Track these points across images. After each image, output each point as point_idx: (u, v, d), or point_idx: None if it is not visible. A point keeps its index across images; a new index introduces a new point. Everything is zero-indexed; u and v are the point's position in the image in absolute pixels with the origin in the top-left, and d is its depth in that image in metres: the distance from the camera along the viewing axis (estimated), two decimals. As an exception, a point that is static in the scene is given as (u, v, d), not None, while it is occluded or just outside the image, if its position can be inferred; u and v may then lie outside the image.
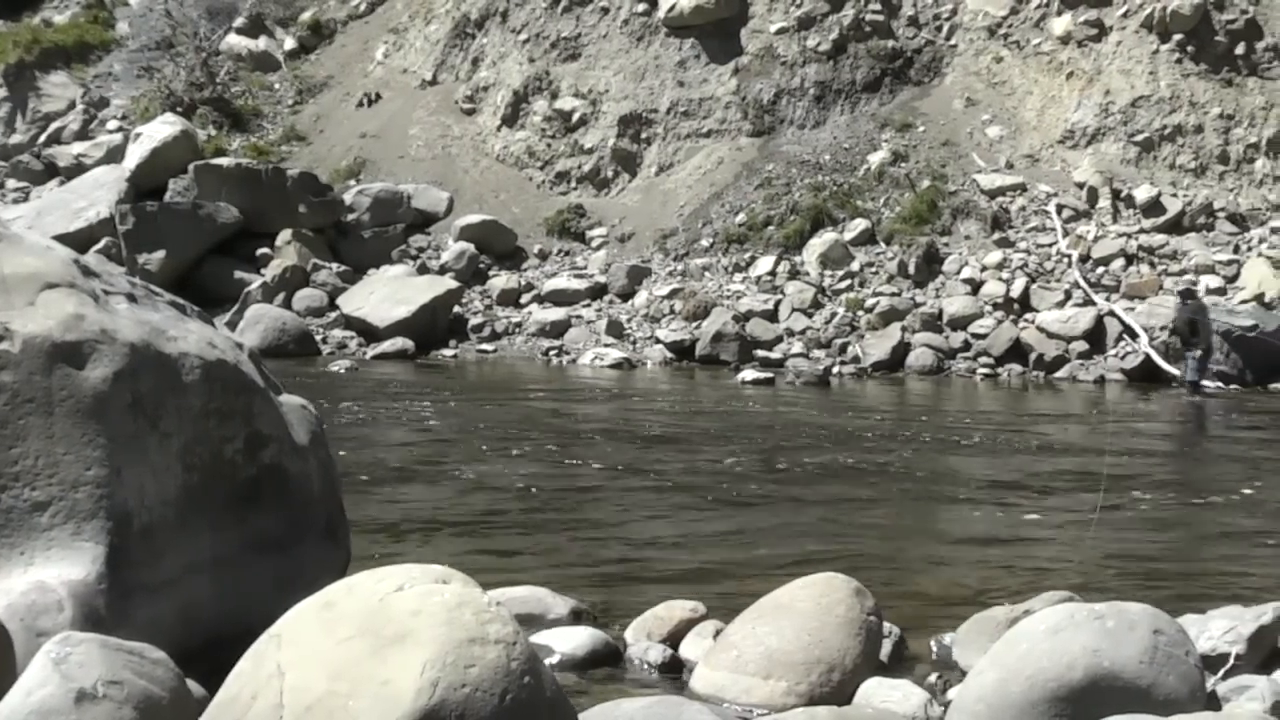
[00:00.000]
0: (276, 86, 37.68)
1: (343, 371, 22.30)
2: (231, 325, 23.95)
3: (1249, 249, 27.13)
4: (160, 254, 27.21)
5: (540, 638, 6.28)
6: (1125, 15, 30.75)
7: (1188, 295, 23.26)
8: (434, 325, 26.53)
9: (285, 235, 27.98)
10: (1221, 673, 5.60)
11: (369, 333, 26.10)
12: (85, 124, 36.85)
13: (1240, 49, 30.06)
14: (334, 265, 28.21)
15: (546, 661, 5.42)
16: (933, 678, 6.16)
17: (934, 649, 6.65)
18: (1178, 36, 30.16)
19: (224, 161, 29.64)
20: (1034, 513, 11.26)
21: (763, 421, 17.04)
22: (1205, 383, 22.47)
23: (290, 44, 38.91)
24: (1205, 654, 5.60)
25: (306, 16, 39.53)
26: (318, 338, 25.95)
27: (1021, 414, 19.35)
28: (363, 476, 11.46)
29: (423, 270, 28.64)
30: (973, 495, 12.04)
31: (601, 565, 8.81)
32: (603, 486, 11.90)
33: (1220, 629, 5.88)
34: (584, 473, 12.70)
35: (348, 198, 30.22)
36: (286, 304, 26.68)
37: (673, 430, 15.96)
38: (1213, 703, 5.24)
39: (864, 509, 11.24)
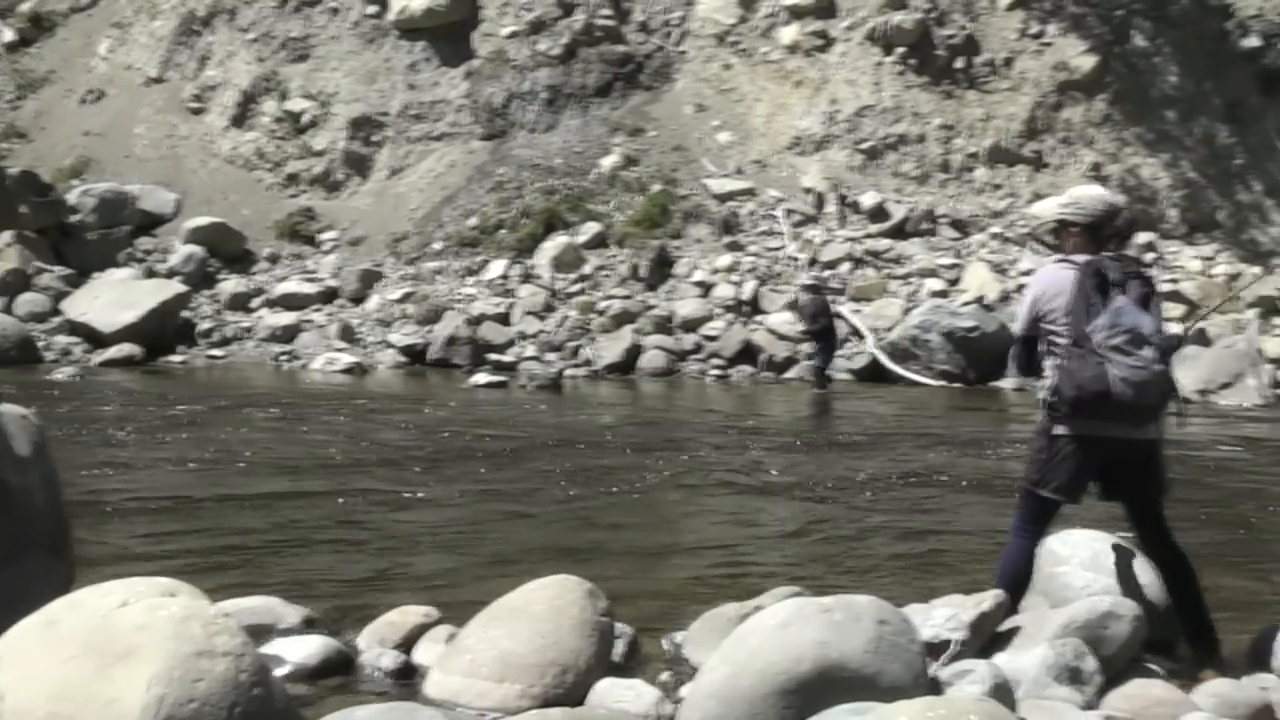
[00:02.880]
0: (-6, 80, 36.41)
1: (67, 379, 21.61)
2: (-53, 331, 23.15)
3: (970, 254, 28.13)
4: None
5: (271, 648, 6.19)
6: (850, 28, 31.61)
7: (814, 290, 23.98)
8: (162, 330, 25.92)
9: (5, 237, 27.05)
10: (944, 659, 5.80)
11: (95, 338, 25.33)
12: None
13: (960, 63, 31.22)
14: (57, 268, 27.38)
15: (277, 672, 5.38)
16: (665, 675, 6.24)
17: (667, 647, 6.72)
18: (900, 49, 31.15)
19: (-62, 159, 28.58)
20: (764, 510, 11.48)
21: (496, 426, 17.04)
22: (829, 373, 23.29)
23: (9, 36, 37.55)
24: (929, 641, 5.80)
25: (26, 7, 38.19)
26: (40, 344, 25.03)
27: (752, 413, 19.68)
28: (86, 489, 11.15)
29: (150, 274, 28.01)
30: (704, 494, 12.21)
31: (336, 572, 8.72)
32: (337, 493, 11.77)
33: (943, 617, 6.08)
34: (318, 480, 12.54)
35: (71, 198, 29.36)
36: (7, 309, 25.76)
37: (410, 435, 15.87)
38: (935, 688, 5.43)
39: (598, 509, 11.31)
